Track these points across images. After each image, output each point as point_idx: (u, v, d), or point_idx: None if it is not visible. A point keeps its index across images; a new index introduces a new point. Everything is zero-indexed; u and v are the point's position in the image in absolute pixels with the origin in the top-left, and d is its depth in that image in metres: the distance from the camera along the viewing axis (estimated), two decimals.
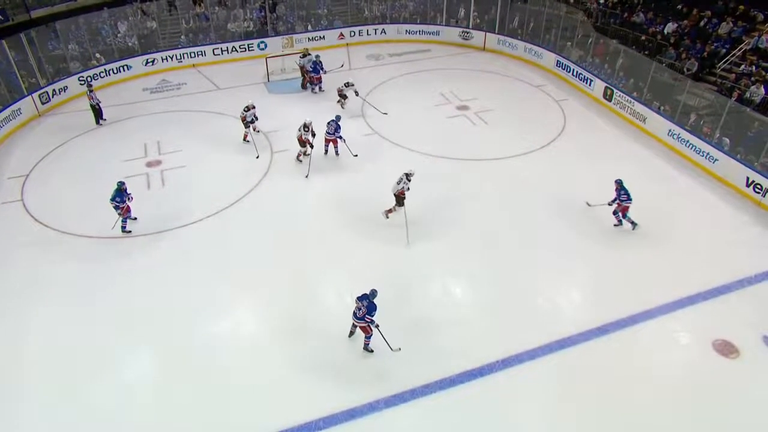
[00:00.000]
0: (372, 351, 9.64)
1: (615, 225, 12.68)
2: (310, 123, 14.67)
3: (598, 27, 20.35)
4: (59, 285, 11.19)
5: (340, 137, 14.95)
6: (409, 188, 12.44)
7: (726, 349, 9.71)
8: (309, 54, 19.38)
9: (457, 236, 12.36)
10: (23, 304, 10.72)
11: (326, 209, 13.23)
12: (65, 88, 18.83)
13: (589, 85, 18.90)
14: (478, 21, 23.45)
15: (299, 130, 14.68)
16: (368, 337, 9.59)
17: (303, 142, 14.76)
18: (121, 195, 12.22)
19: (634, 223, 12.54)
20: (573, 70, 19.64)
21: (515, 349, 9.65)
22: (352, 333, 9.86)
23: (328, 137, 15.11)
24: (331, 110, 17.20)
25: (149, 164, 15.17)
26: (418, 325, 10.21)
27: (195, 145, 15.94)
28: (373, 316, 9.30)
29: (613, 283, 11.16)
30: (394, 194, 12.51)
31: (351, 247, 11.96)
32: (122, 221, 12.52)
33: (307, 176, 14.45)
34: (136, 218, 12.81)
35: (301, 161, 15.04)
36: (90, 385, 9.20)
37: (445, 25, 23.78)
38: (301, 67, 19.40)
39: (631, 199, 12.24)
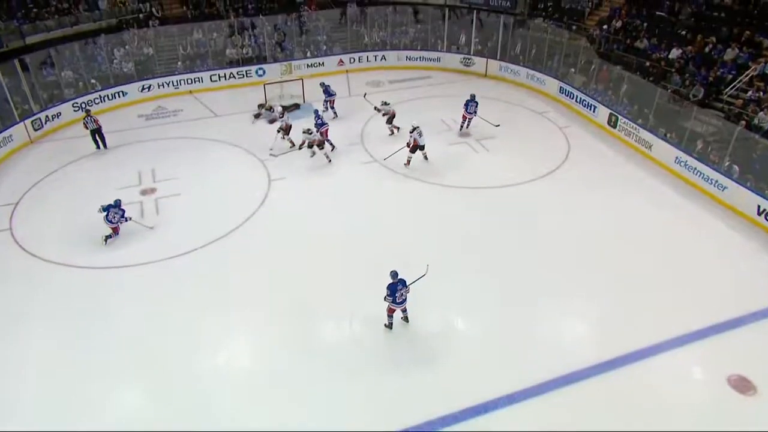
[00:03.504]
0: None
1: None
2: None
3: (601, 53, 20.64)
4: (48, 319, 11.04)
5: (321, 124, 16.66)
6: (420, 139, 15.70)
7: (742, 385, 9.54)
8: (298, 107, 19.71)
9: (457, 265, 12.27)
10: (9, 339, 10.56)
11: (325, 240, 13.15)
12: (59, 115, 18.99)
13: (593, 111, 19.07)
14: (480, 47, 23.82)
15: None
16: (406, 309, 10.58)
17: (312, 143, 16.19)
18: (119, 211, 12.98)
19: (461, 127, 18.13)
20: (576, 96, 19.84)
21: (520, 385, 9.48)
22: (392, 324, 10.59)
23: (322, 130, 16.63)
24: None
25: (144, 192, 15.18)
26: (418, 358, 10.08)
27: (191, 173, 15.99)
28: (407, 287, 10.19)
29: (620, 315, 11.03)
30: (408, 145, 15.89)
31: (350, 278, 11.85)
32: (113, 231, 13.14)
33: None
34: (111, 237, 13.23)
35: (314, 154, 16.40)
36: (80, 426, 8.96)
37: (446, 52, 24.15)
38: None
39: (475, 113, 17.70)
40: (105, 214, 12.92)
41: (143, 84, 21.15)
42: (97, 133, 17.38)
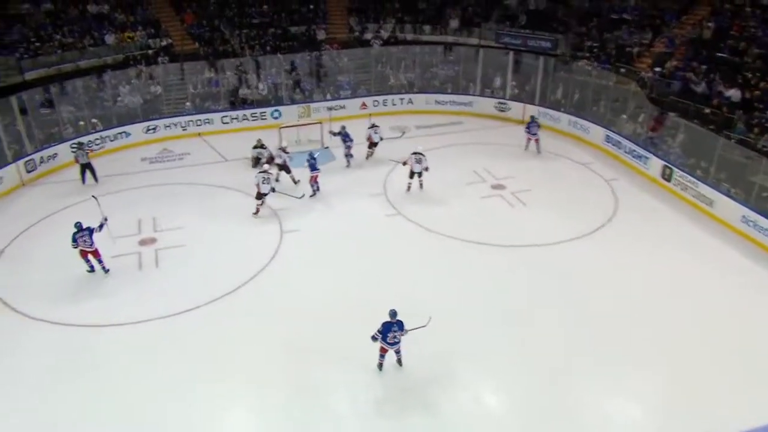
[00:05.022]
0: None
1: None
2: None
3: (653, 98, 20.67)
4: (26, 382, 10.85)
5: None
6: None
7: None
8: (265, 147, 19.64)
9: (487, 334, 11.94)
10: None
11: (340, 301, 12.92)
12: (54, 156, 19.45)
13: (644, 163, 18.94)
14: (517, 91, 24.10)
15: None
16: (399, 352, 10.98)
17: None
18: (85, 233, 13.37)
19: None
20: (625, 146, 19.77)
21: None
22: (382, 365, 11.03)
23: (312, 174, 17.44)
24: (347, 181, 17.81)
25: (142, 242, 15.26)
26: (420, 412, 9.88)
27: (196, 223, 16.09)
28: (405, 331, 10.61)
29: (681, 397, 10.50)
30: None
31: (365, 346, 11.43)
32: (98, 262, 13.74)
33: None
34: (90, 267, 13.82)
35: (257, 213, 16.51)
36: None
37: (480, 96, 24.52)
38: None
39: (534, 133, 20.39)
40: (75, 245, 13.36)
41: (148, 125, 21.69)
42: (87, 168, 18.18)
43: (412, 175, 17.56)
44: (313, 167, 17.39)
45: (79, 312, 12.66)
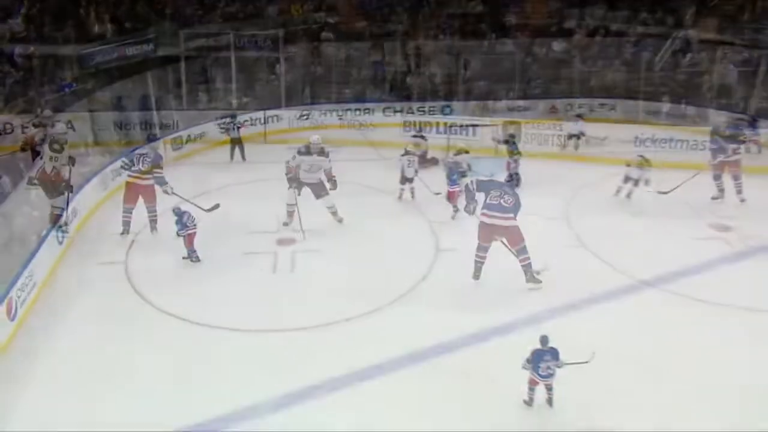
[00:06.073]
0: None
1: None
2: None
3: None
4: (142, 378, 11.54)
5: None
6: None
7: None
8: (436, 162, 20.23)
9: (663, 396, 11.00)
10: (99, 394, 11.16)
11: (491, 332, 12.65)
12: (202, 135, 21.17)
13: None
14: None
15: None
16: (551, 388, 10.72)
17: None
18: (187, 215, 14.74)
19: None
20: None
21: None
22: (532, 399, 10.84)
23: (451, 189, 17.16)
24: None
25: (280, 242, 16.04)
26: None
27: (338, 227, 16.69)
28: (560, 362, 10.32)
29: None
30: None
31: (514, 379, 10.89)
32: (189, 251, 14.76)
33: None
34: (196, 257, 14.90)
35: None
36: None
37: (711, 108, 23.25)
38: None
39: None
40: (184, 231, 14.73)
41: (301, 111, 22.98)
42: (237, 144, 20.01)
43: (626, 179, 17.79)
44: (452, 181, 17.14)
45: (206, 310, 13.35)
